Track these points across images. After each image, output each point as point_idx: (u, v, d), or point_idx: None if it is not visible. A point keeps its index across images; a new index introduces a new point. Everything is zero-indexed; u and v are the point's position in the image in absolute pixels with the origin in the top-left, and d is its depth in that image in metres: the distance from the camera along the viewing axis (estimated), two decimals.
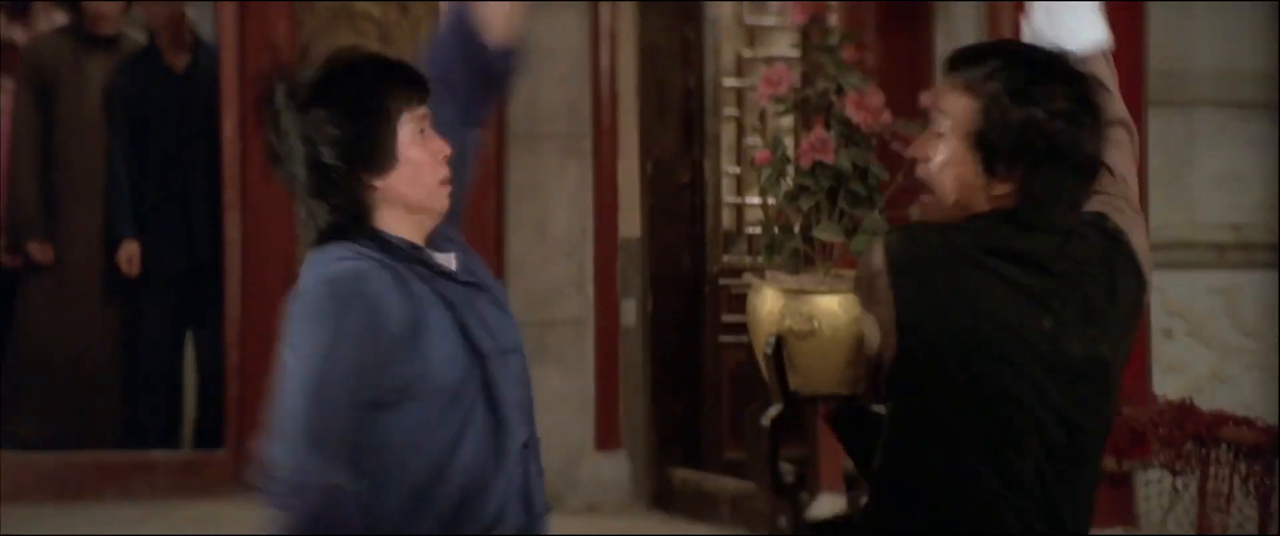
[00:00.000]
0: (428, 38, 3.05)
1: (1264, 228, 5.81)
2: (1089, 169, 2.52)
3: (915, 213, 3.08)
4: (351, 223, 2.44)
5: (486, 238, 6.21)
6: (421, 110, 2.46)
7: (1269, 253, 5.83)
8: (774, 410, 4.19)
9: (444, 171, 2.45)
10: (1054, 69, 2.72)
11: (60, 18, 7.31)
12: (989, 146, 2.63)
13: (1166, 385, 5.36)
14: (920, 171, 2.87)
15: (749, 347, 4.52)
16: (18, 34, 7.41)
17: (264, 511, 2.50)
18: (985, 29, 5.75)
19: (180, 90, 6.69)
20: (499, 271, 6.43)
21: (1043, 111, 2.60)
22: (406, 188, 2.44)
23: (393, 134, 2.39)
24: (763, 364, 4.09)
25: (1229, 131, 5.88)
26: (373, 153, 2.43)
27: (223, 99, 6.35)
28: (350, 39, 6.29)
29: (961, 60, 2.82)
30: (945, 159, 2.74)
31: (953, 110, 2.71)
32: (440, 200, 2.47)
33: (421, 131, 2.45)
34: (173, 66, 6.73)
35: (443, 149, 2.44)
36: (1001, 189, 2.60)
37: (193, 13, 7.12)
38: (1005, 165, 2.56)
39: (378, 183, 2.39)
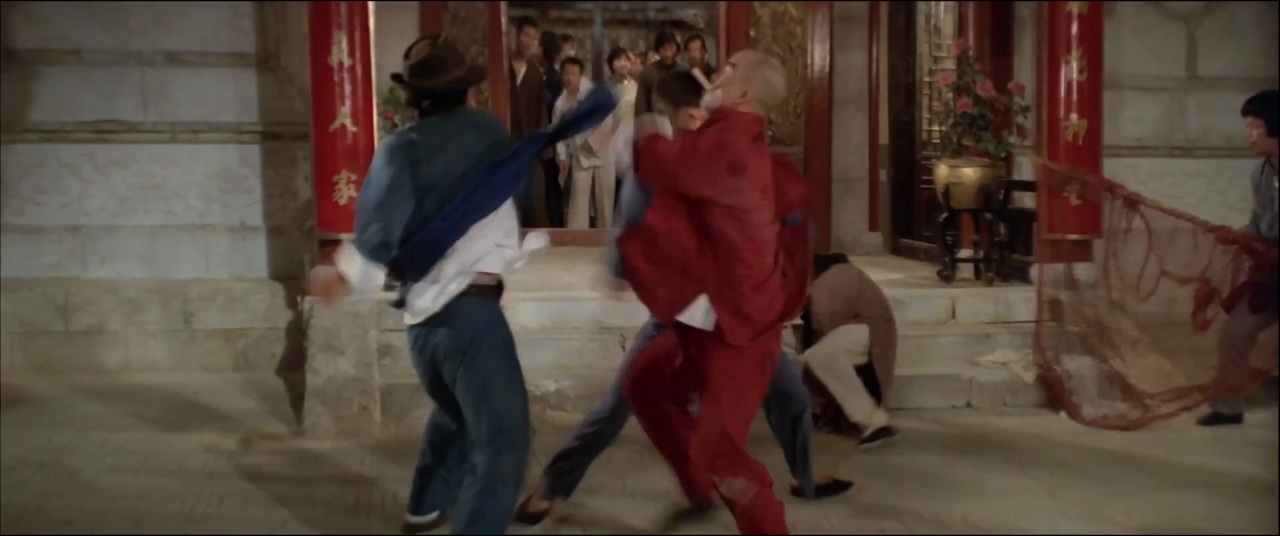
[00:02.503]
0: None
1: None
2: None
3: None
4: None
5: (823, 142, 10.73)
6: None
7: None
8: (944, 215, 9.36)
9: None
10: None
11: (653, 56, 12.13)
12: None
13: None
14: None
15: (934, 189, 9.38)
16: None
17: None
18: (1043, 56, 8.44)
19: None
20: (829, 161, 10.79)
21: None
22: None
23: None
24: (939, 195, 9.12)
25: None
26: None
27: None
28: None
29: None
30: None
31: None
32: None
33: None
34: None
35: None
36: None
37: None
38: None
39: None
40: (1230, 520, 5.37)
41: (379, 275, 4.36)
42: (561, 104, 11.82)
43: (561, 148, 11.82)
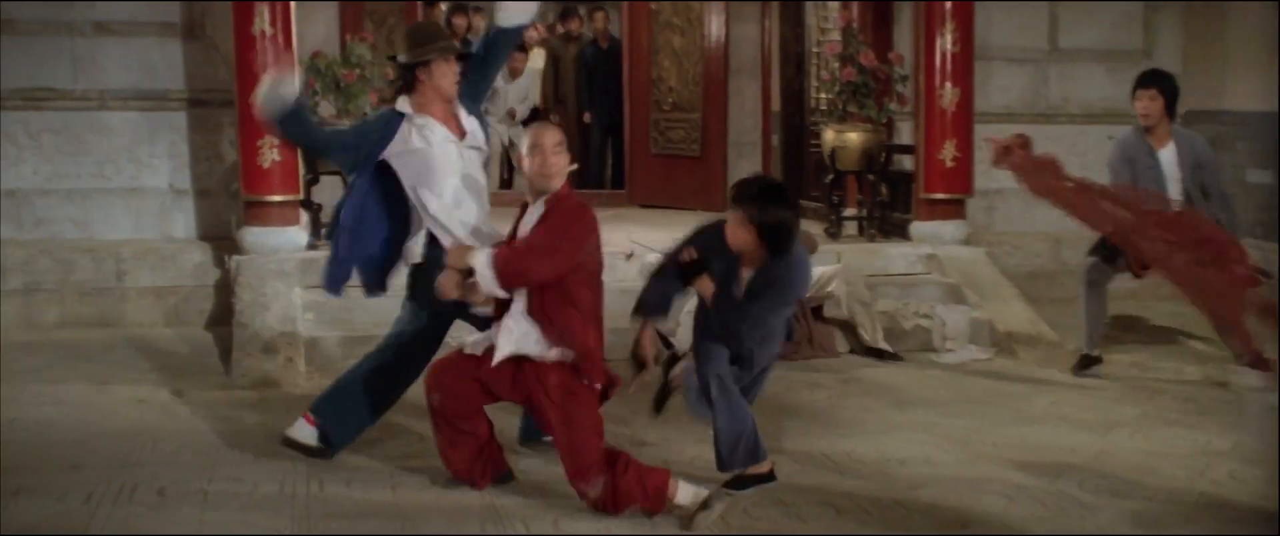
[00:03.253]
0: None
1: None
2: None
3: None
4: None
5: (719, 109, 10.68)
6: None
7: None
8: (830, 176, 9.44)
9: None
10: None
11: (559, 27, 12.14)
12: None
13: None
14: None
15: (821, 152, 9.53)
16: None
17: None
18: (920, 29, 8.64)
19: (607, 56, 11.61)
20: (725, 126, 10.77)
21: None
22: None
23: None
24: (826, 157, 9.29)
25: None
26: None
27: (623, 63, 11.01)
28: None
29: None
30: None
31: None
32: None
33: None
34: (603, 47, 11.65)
35: None
36: None
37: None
38: None
39: None
40: (1083, 450, 5.53)
41: None
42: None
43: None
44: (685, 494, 4.48)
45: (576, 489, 4.58)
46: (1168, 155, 6.71)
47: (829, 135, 9.01)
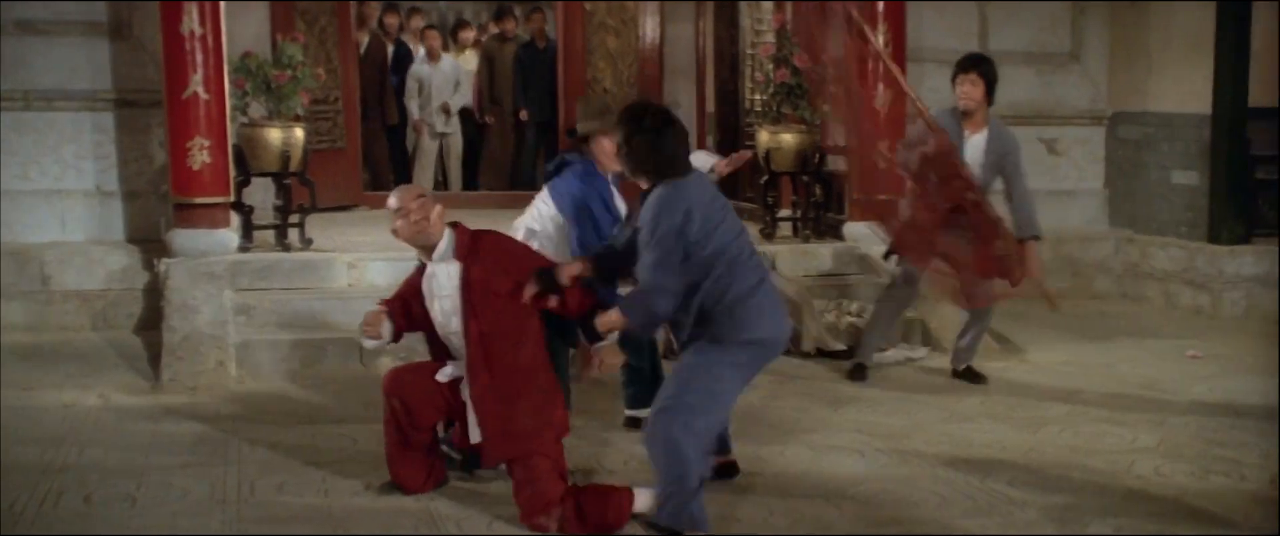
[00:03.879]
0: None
1: None
2: None
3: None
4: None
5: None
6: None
7: None
8: (765, 177, 9.43)
9: None
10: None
11: (494, 28, 12.09)
12: None
13: None
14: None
15: (756, 152, 9.07)
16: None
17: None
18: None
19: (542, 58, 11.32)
20: None
21: None
22: None
23: None
24: (760, 158, 9.01)
25: None
26: None
27: (558, 64, 10.64)
28: None
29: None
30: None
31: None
32: None
33: None
34: (540, 47, 11.41)
35: None
36: None
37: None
38: None
39: None
40: (1013, 447, 5.61)
41: None
42: (422, 71, 11.71)
43: (415, 108, 11.73)
44: (643, 501, 4.48)
45: (534, 526, 4.48)
46: (978, 141, 6.65)
47: (763, 136, 9.02)
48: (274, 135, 7.84)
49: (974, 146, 6.67)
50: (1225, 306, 8.88)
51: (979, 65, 6.76)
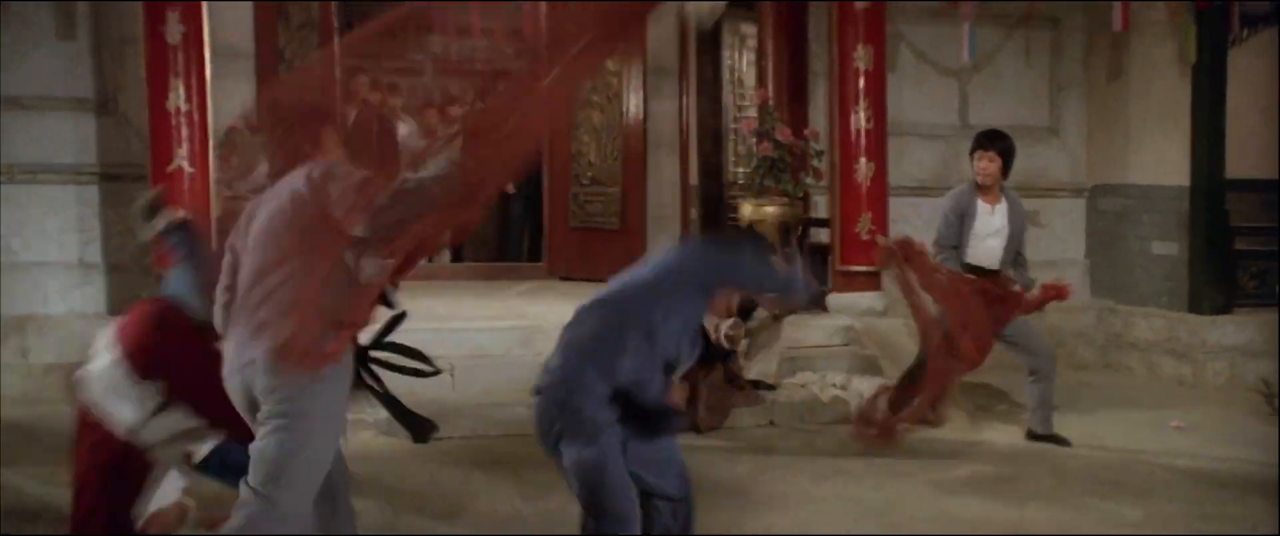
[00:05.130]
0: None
1: None
2: None
3: None
4: None
5: (639, 182, 10.61)
6: None
7: None
8: None
9: None
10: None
11: None
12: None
13: None
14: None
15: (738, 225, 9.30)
16: None
17: None
18: (835, 105, 8.78)
19: None
20: (644, 199, 10.59)
21: None
22: None
23: None
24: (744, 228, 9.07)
25: None
26: None
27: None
28: None
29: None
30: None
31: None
32: None
33: None
34: None
35: None
36: None
37: None
38: None
39: None
40: (998, 521, 5.56)
41: None
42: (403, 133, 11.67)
43: None
44: None
45: None
46: (1000, 212, 6.84)
47: (747, 209, 9.03)
48: None
49: (998, 220, 6.82)
50: (1208, 376, 8.87)
51: (996, 142, 6.89)
